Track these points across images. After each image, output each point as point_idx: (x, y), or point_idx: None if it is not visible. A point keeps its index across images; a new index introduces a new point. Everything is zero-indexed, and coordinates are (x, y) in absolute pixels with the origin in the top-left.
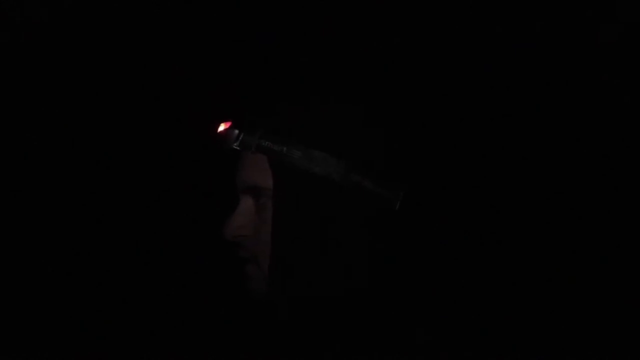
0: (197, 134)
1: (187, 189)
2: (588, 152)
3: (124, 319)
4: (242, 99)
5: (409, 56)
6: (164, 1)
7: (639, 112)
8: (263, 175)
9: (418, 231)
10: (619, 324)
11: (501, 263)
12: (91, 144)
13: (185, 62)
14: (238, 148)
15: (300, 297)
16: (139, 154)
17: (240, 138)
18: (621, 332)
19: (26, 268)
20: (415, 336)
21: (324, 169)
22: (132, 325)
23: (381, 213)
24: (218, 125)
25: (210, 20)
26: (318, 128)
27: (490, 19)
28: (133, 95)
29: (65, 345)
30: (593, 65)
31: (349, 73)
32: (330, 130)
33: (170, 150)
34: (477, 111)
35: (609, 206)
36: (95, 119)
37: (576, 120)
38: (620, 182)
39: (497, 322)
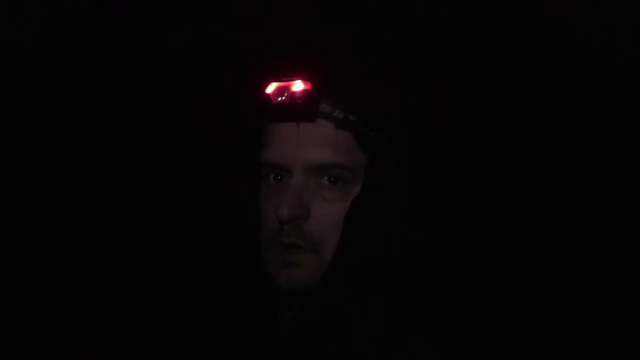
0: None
1: (187, 189)
2: (588, 152)
3: (124, 319)
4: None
5: (409, 56)
6: (163, 1)
7: (639, 112)
8: (344, 154)
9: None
10: (618, 323)
11: (501, 263)
12: (91, 144)
13: (187, 59)
14: (318, 117)
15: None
16: (139, 153)
17: (321, 107)
18: (621, 332)
19: (26, 268)
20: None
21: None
22: (132, 326)
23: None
24: (291, 84)
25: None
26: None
27: (490, 19)
28: (133, 95)
29: (65, 345)
30: (593, 65)
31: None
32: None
33: (170, 150)
34: (477, 111)
35: (609, 206)
36: (95, 119)
37: (576, 120)
38: (620, 182)
39: (496, 322)
